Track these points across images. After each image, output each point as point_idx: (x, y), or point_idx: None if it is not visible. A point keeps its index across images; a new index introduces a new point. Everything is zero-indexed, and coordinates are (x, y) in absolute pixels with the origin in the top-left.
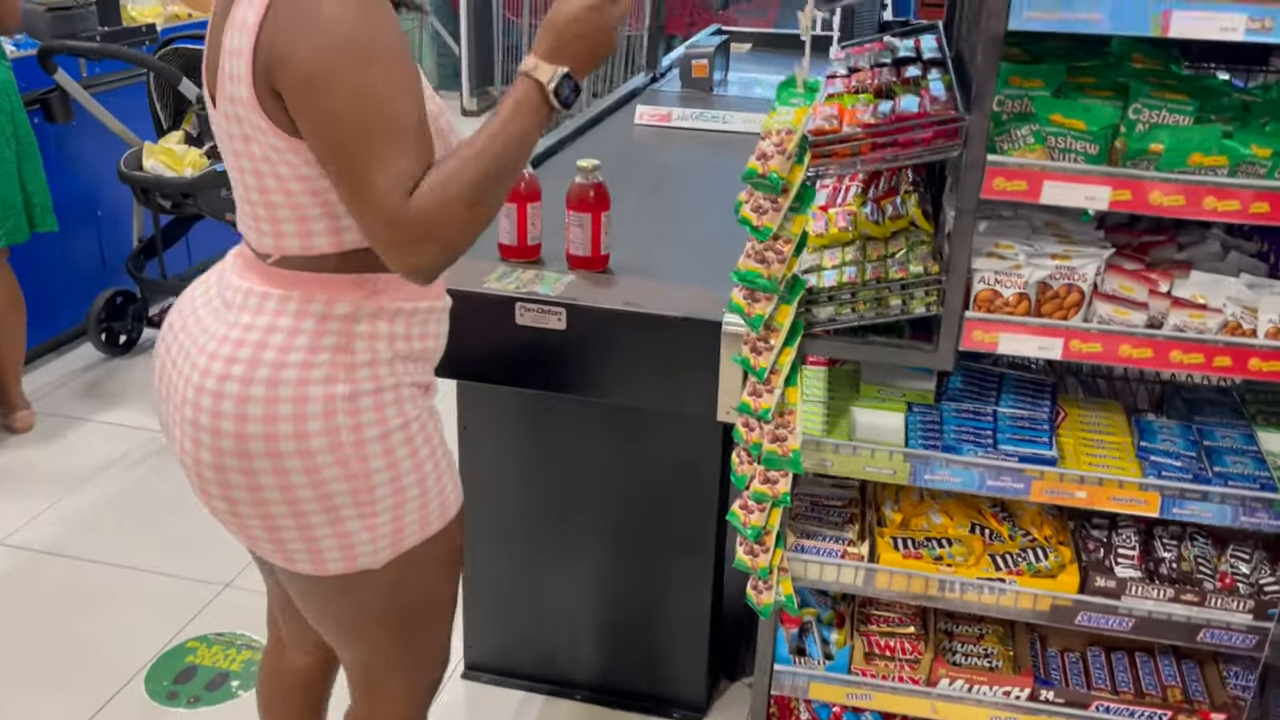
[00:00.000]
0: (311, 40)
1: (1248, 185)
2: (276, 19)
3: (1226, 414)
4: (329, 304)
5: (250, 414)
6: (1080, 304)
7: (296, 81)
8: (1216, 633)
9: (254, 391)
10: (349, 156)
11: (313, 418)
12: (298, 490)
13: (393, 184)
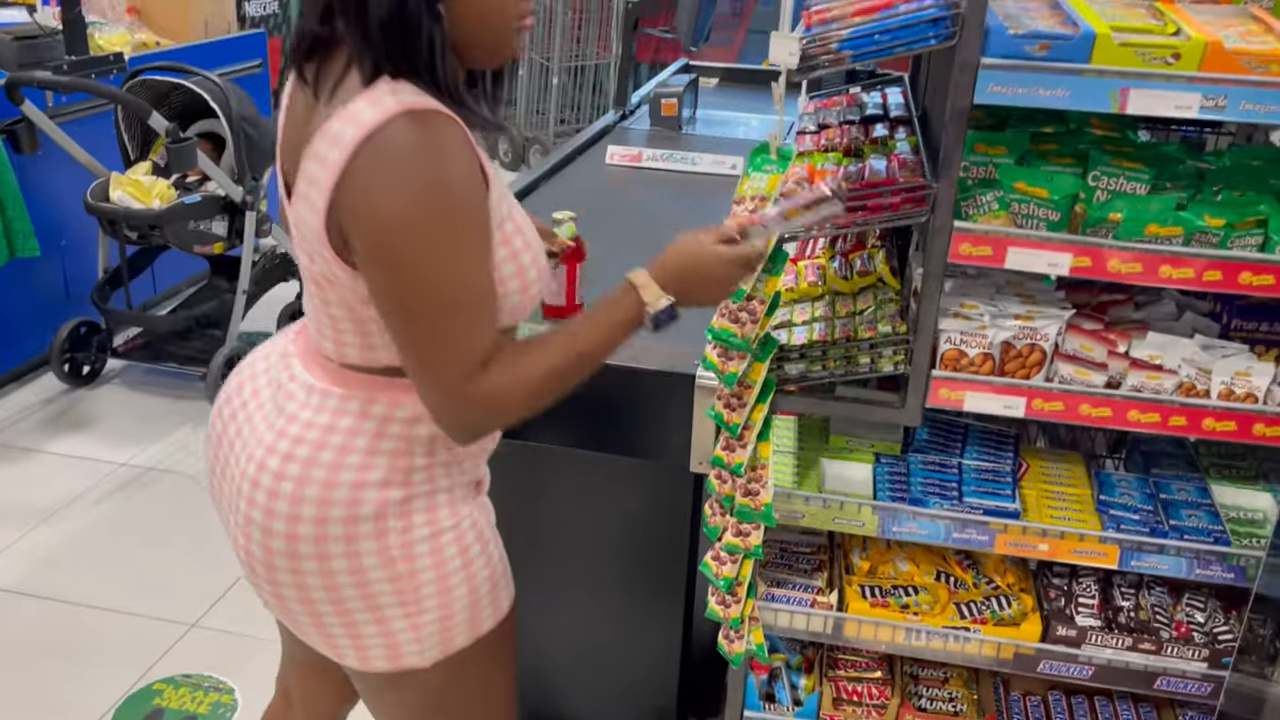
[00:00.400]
0: (391, 201)
1: (1201, 255)
2: (360, 165)
3: (1182, 466)
4: (391, 406)
5: (303, 515)
6: (1042, 363)
7: (371, 241)
8: (1172, 681)
9: (308, 493)
10: (418, 326)
11: (364, 520)
12: (343, 590)
13: (461, 359)
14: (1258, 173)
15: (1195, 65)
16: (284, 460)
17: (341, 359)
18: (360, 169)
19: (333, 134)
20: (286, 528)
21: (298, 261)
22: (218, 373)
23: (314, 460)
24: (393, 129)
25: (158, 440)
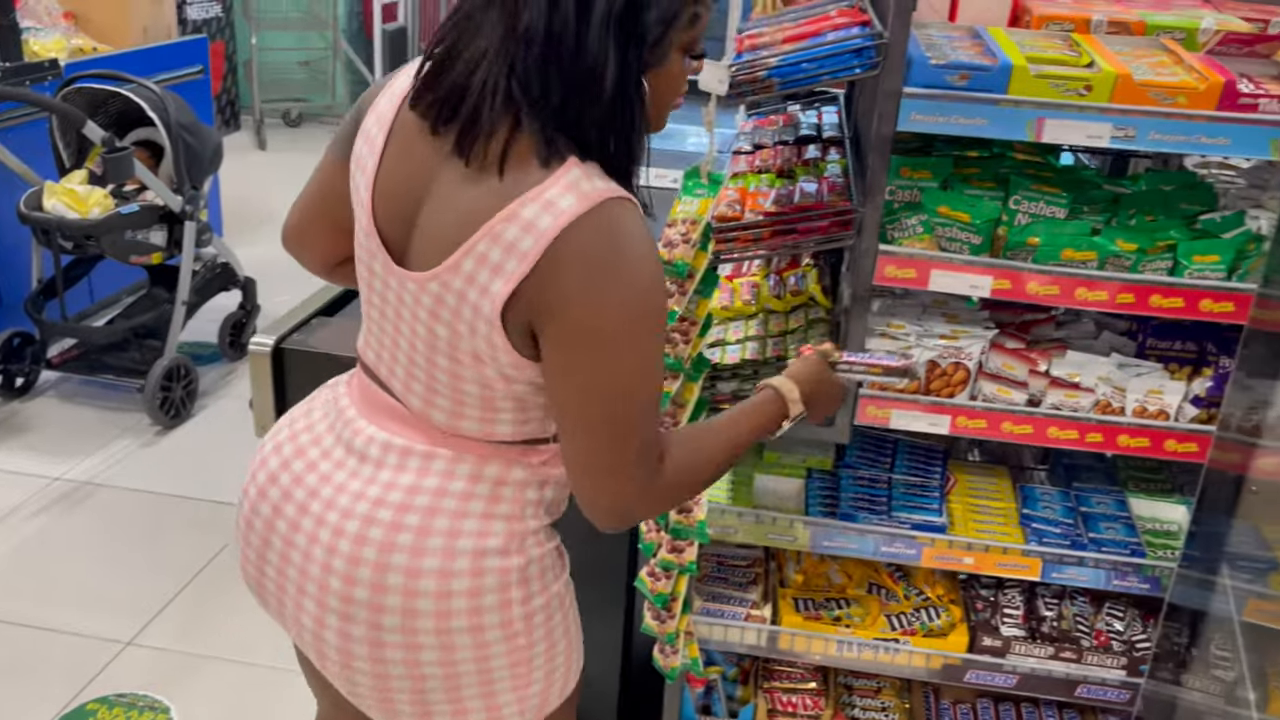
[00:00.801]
0: (608, 295)
1: (1113, 278)
2: (565, 255)
3: (1102, 479)
4: (506, 468)
5: (422, 589)
6: (967, 382)
7: (580, 333)
8: (1092, 689)
9: (426, 564)
10: (614, 421)
11: (489, 591)
12: (461, 665)
13: (648, 454)
14: (1169, 198)
15: (1106, 97)
16: (390, 529)
17: (453, 429)
18: (566, 259)
19: (524, 220)
20: (403, 602)
21: (402, 336)
22: (156, 384)
23: (428, 528)
24: (602, 219)
25: (94, 454)
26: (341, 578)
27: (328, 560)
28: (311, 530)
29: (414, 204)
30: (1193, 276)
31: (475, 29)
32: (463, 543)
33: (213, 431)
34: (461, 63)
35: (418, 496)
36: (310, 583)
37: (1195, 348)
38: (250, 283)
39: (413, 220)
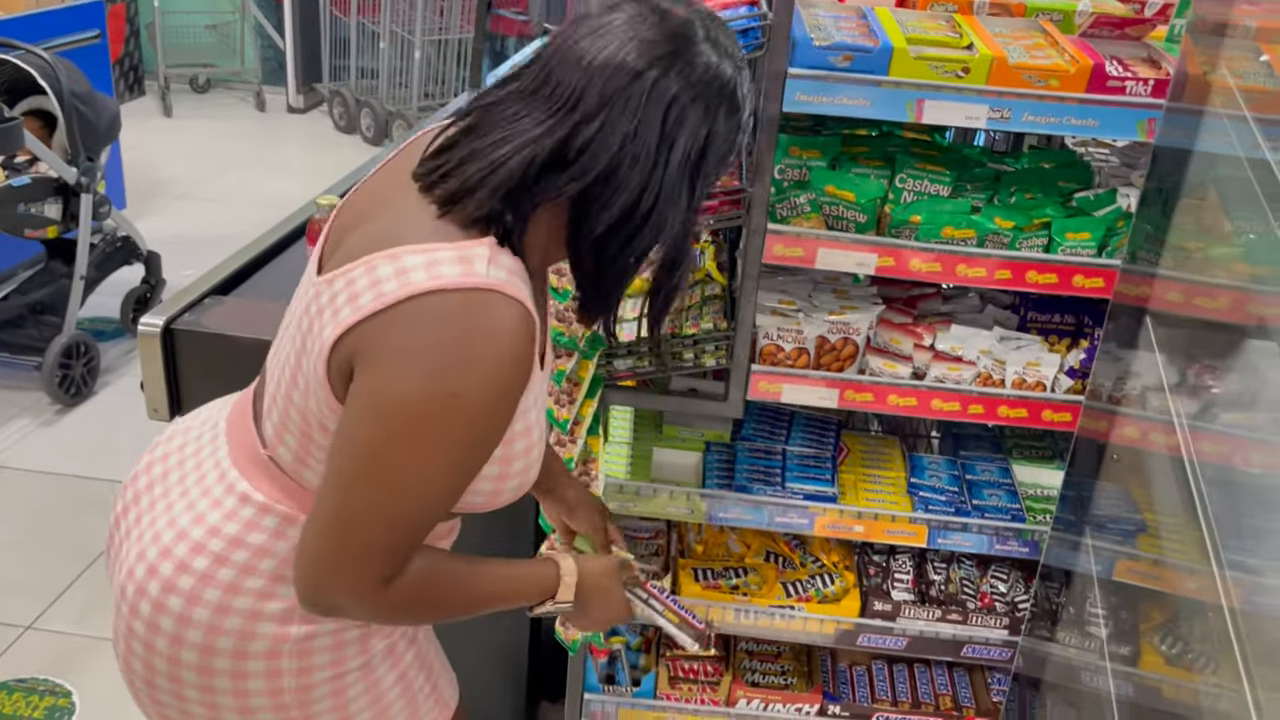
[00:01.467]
0: (408, 382)
1: (991, 255)
2: (409, 315)
3: (988, 448)
4: None
5: (187, 638)
6: (855, 356)
7: (369, 397)
8: (977, 648)
9: (196, 614)
10: (358, 506)
11: (254, 656)
12: (225, 716)
13: (383, 563)
14: (1048, 176)
15: (983, 79)
16: (177, 570)
17: (273, 452)
18: (411, 321)
19: (402, 266)
20: (169, 649)
21: (280, 338)
22: (54, 362)
23: (210, 577)
24: (474, 303)
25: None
26: (129, 608)
27: (125, 584)
28: (129, 548)
29: (359, 215)
30: (1066, 253)
31: (503, 120)
32: (239, 601)
33: (115, 410)
34: (482, 155)
35: (213, 540)
36: (119, 592)
37: (1073, 320)
38: (154, 257)
39: (350, 229)
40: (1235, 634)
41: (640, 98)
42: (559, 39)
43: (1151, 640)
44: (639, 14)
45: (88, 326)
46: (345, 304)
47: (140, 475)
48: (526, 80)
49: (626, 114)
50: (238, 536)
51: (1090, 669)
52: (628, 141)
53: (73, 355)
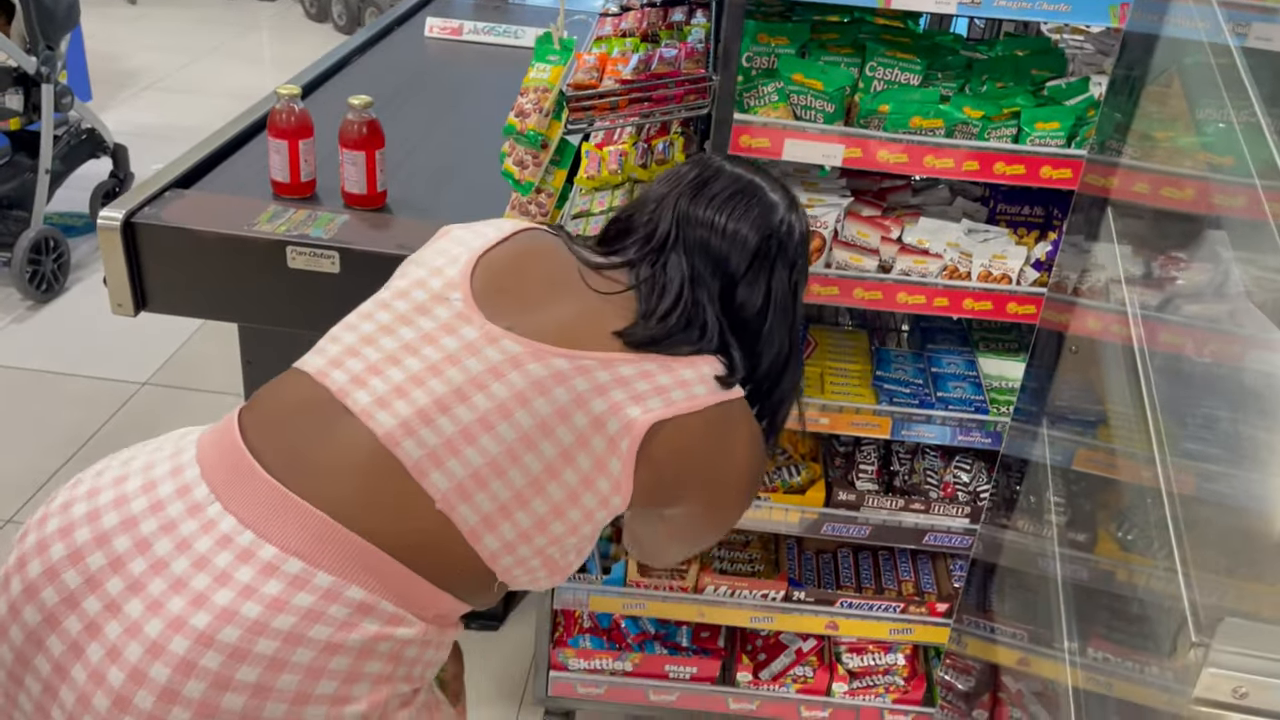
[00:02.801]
0: (743, 460)
1: (959, 146)
2: (710, 421)
3: (955, 342)
4: (398, 620)
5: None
6: (822, 249)
7: (708, 482)
8: (939, 536)
9: (268, 712)
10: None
11: None
12: None
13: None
14: (1020, 64)
15: None
16: (233, 656)
17: (395, 542)
18: (716, 427)
19: (681, 379)
20: None
21: (469, 406)
22: (23, 257)
23: (269, 689)
24: (743, 406)
25: None
26: (150, 710)
27: (126, 692)
28: (117, 641)
29: (520, 292)
30: (1034, 144)
31: (683, 262)
32: (322, 688)
33: (89, 305)
34: (670, 294)
35: (280, 615)
36: (91, 718)
37: (1043, 213)
38: (121, 150)
39: (512, 304)
40: (1172, 518)
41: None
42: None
43: (1100, 527)
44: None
45: (57, 221)
46: (653, 393)
47: (86, 551)
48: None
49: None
50: (294, 633)
51: (1041, 554)
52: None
53: (42, 250)
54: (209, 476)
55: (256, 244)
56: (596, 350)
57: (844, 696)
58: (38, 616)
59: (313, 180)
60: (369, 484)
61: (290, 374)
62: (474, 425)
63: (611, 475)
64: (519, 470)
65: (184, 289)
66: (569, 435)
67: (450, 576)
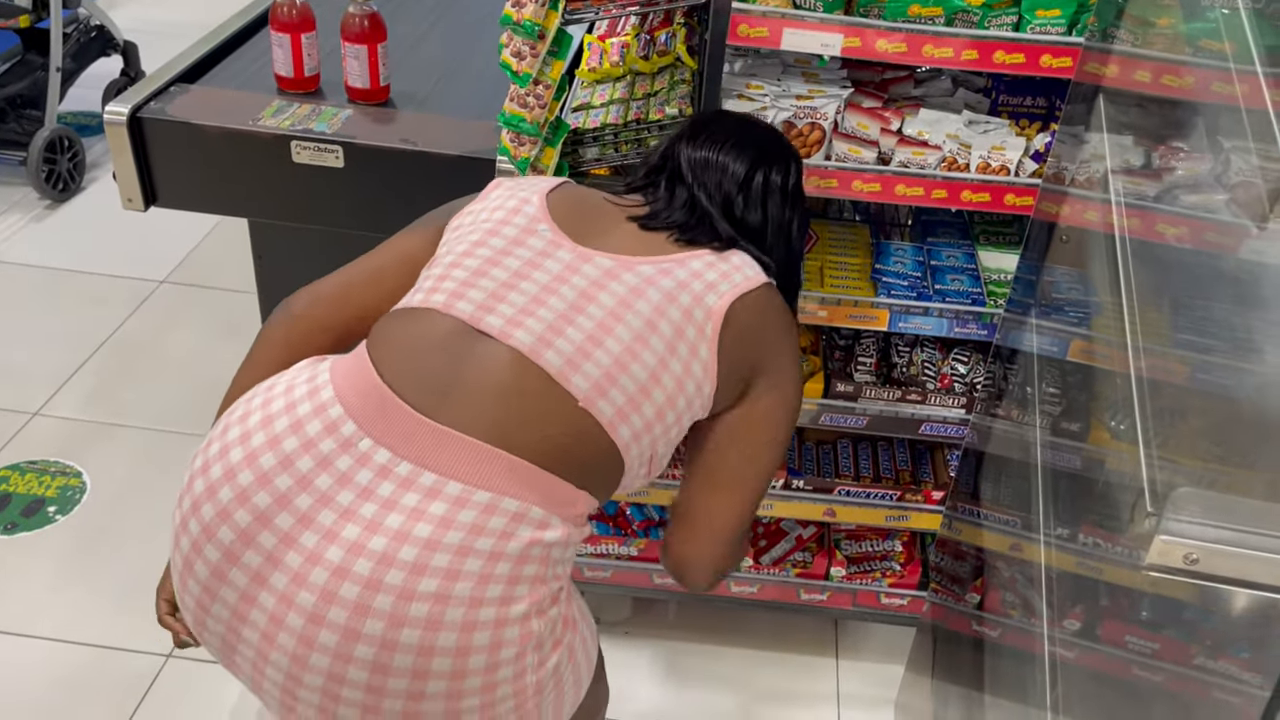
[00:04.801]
0: (793, 347)
1: (958, 34)
2: (761, 301)
3: (956, 235)
4: (545, 526)
5: (440, 644)
6: (822, 141)
7: (781, 373)
8: (935, 426)
9: (449, 615)
10: (764, 474)
11: (504, 664)
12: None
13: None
14: None
15: None
16: (413, 572)
17: (597, 423)
18: (772, 302)
19: (736, 265)
20: (410, 680)
21: (591, 314)
22: (38, 157)
23: (446, 597)
24: (773, 291)
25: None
26: (341, 632)
27: (320, 610)
28: (300, 569)
29: (587, 221)
30: (1035, 32)
31: (687, 182)
32: (485, 613)
33: (105, 204)
34: (688, 202)
35: (450, 532)
36: (287, 635)
37: (1045, 104)
38: (131, 47)
39: (587, 231)
40: (1139, 400)
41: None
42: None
43: (1081, 415)
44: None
45: (71, 121)
46: (721, 279)
47: (252, 490)
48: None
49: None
50: (464, 546)
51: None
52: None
53: (56, 150)
54: (355, 415)
55: (261, 139)
56: (664, 255)
57: (842, 581)
58: (217, 553)
59: (316, 75)
60: (513, 399)
61: (411, 311)
62: (597, 331)
63: (702, 359)
64: (639, 365)
65: (192, 184)
66: (669, 328)
67: (589, 474)
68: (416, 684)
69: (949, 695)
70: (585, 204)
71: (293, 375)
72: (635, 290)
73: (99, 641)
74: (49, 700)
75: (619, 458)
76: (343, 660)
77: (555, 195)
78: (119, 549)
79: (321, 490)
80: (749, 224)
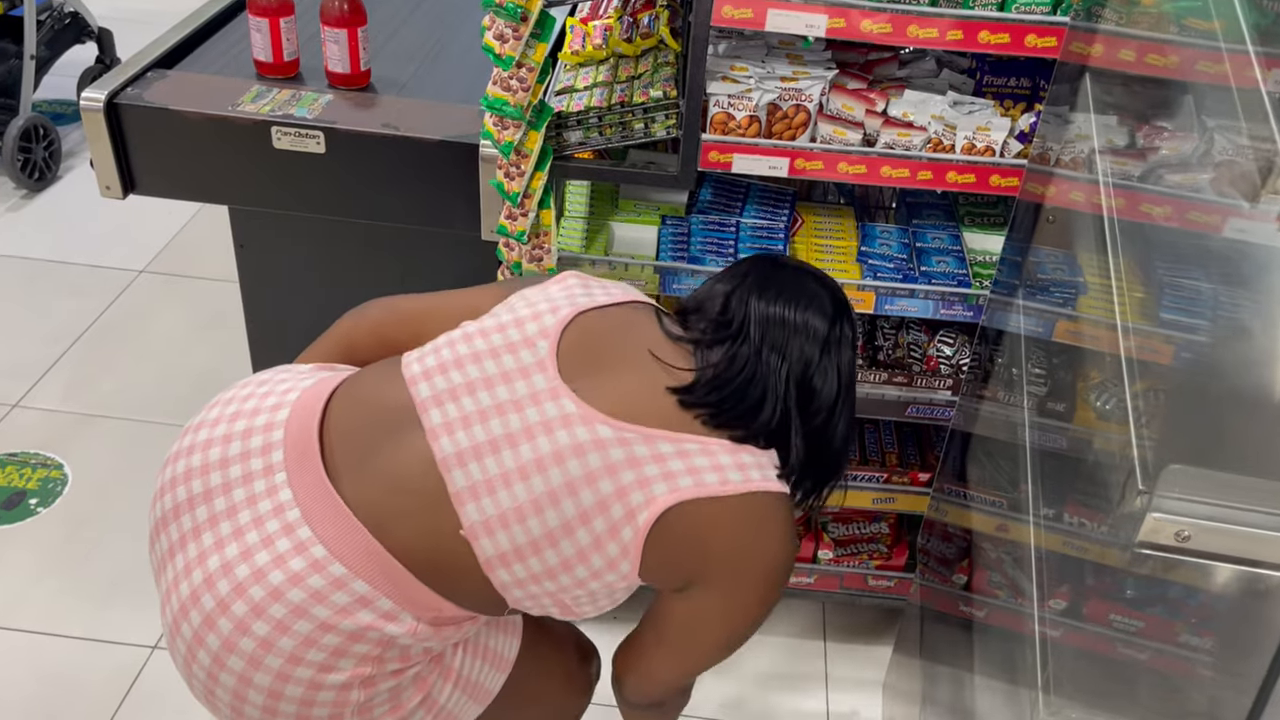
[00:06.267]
0: (775, 554)
1: (944, 14)
2: (741, 512)
3: (941, 217)
4: (397, 623)
5: (252, 688)
6: (807, 124)
7: (735, 573)
8: (921, 408)
9: (258, 679)
10: (714, 649)
11: (320, 707)
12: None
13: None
14: None
15: None
16: (238, 627)
17: (408, 551)
18: (742, 516)
19: (718, 464)
20: (235, 686)
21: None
22: (13, 145)
23: (270, 644)
24: (779, 502)
25: None
26: (193, 635)
27: (186, 607)
28: (189, 563)
29: (598, 355)
30: (1019, 11)
31: (756, 366)
32: (300, 671)
33: (82, 194)
34: (749, 393)
35: (275, 606)
36: (169, 611)
37: (1029, 84)
38: (106, 34)
39: (587, 365)
40: (1129, 379)
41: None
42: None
43: (1070, 395)
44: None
45: (46, 109)
46: (685, 473)
47: (189, 477)
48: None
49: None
50: (301, 606)
51: (1013, 423)
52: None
53: (32, 138)
54: (286, 446)
55: (241, 124)
56: (645, 424)
57: (829, 564)
58: (158, 514)
59: (296, 59)
60: (407, 496)
61: (395, 367)
62: (513, 472)
63: (622, 541)
64: (538, 521)
65: (170, 171)
66: (590, 498)
67: (457, 591)
68: (237, 703)
69: (937, 675)
70: (621, 333)
71: (282, 380)
72: (576, 447)
73: (83, 634)
74: (33, 694)
75: (495, 594)
76: (191, 656)
77: (597, 314)
78: (101, 541)
79: (233, 502)
80: (820, 400)
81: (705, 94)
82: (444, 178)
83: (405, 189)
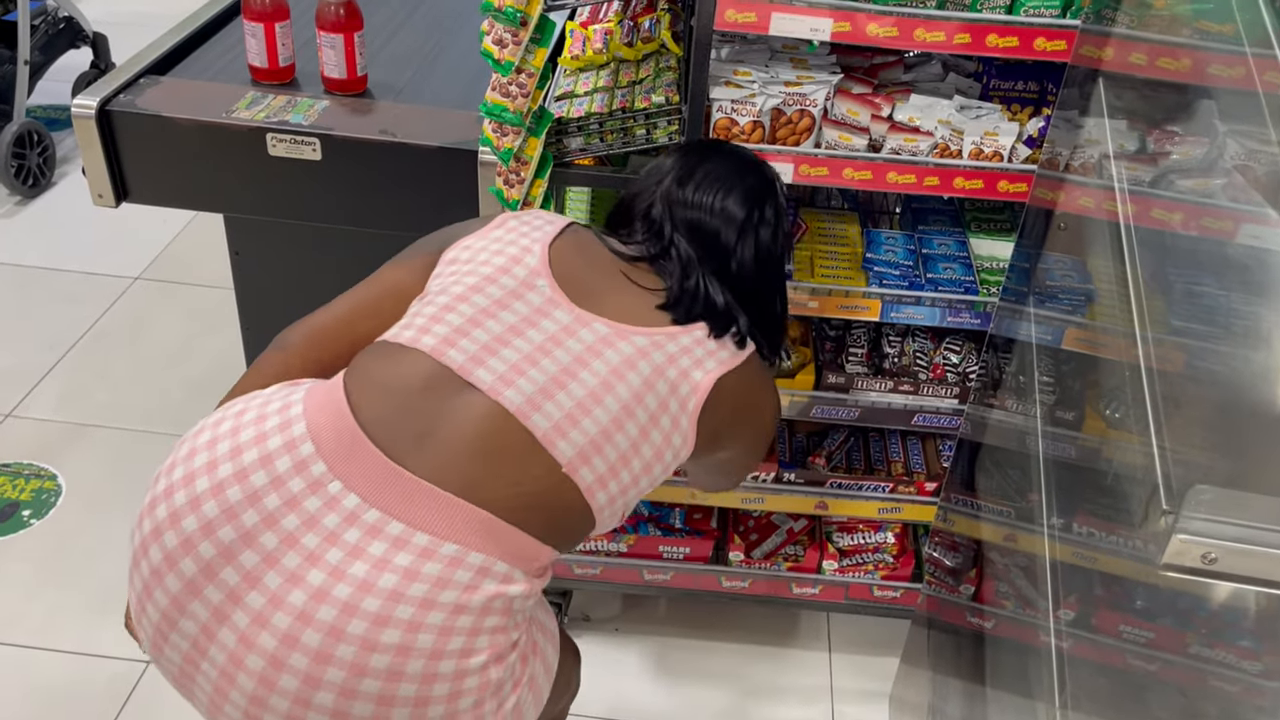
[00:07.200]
0: (772, 403)
1: (951, 17)
2: (745, 373)
3: (947, 222)
4: (509, 581)
5: (400, 694)
6: (812, 129)
7: (753, 422)
8: (927, 417)
9: (410, 667)
10: (736, 465)
11: (464, 712)
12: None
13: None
14: None
15: None
16: (375, 623)
17: (509, 508)
18: (749, 376)
19: (722, 340)
20: (374, 709)
21: (574, 384)
22: (7, 151)
23: (408, 649)
24: (759, 359)
25: None
26: (302, 678)
27: (280, 655)
28: (262, 610)
29: (587, 280)
30: (1028, 14)
31: (686, 247)
32: (445, 665)
33: (77, 200)
34: (682, 273)
35: (414, 584)
36: (246, 676)
37: (1037, 88)
38: (101, 39)
39: (586, 290)
40: (1150, 392)
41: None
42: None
43: (1083, 405)
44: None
45: (40, 115)
46: (708, 356)
47: (217, 522)
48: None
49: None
50: (428, 598)
51: (1025, 432)
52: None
53: (25, 144)
54: (325, 454)
55: (235, 131)
56: (657, 327)
57: (834, 574)
58: (179, 584)
59: (291, 65)
60: (491, 455)
61: (397, 349)
62: (586, 400)
63: (683, 430)
64: (622, 435)
65: (164, 179)
66: (654, 401)
67: (557, 530)
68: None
69: (947, 688)
70: (587, 257)
71: (263, 403)
72: (627, 361)
73: (77, 648)
74: (27, 709)
75: (591, 517)
76: (302, 705)
77: (558, 245)
78: (96, 552)
79: (288, 530)
80: (743, 275)
81: (708, 99)
82: (442, 185)
83: (402, 196)
